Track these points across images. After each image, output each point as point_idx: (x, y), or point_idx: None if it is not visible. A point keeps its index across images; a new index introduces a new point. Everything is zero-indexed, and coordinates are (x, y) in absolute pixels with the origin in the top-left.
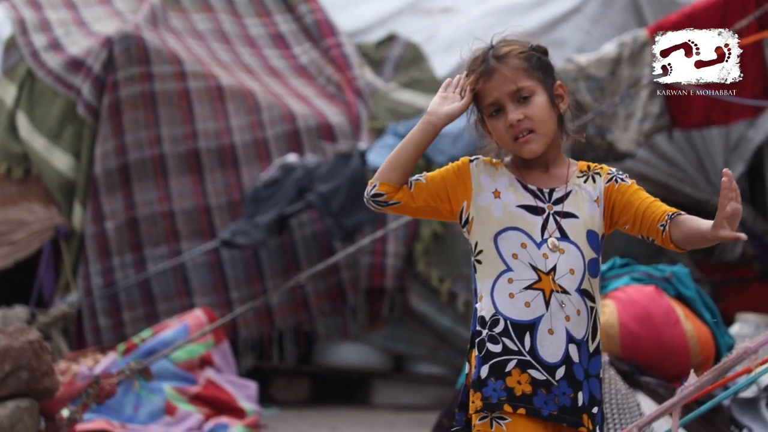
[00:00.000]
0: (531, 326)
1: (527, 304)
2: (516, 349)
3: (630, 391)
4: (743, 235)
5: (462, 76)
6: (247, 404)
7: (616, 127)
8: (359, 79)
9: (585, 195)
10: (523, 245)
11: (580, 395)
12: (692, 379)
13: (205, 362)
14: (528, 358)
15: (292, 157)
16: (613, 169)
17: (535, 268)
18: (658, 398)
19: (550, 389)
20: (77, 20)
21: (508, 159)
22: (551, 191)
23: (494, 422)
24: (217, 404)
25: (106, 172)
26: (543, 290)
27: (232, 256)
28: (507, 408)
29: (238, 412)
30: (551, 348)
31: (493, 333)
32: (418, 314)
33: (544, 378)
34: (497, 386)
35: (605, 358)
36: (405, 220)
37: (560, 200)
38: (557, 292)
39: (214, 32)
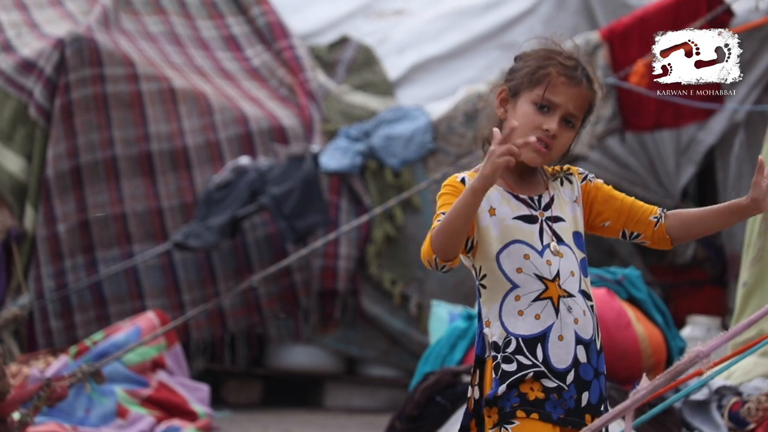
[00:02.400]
0: (542, 337)
1: (537, 317)
2: (530, 363)
3: None
4: None
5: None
6: (199, 407)
7: None
8: (312, 81)
9: (565, 197)
10: (527, 256)
11: (585, 396)
12: (644, 383)
13: (157, 365)
14: (542, 368)
15: (244, 160)
16: (581, 168)
17: (541, 278)
18: (610, 401)
19: (562, 394)
20: (29, 22)
21: (474, 170)
22: (539, 198)
23: (502, 428)
24: (169, 407)
25: (58, 174)
26: (551, 298)
27: (185, 258)
28: (520, 413)
29: (190, 415)
30: (561, 354)
31: (507, 354)
32: (370, 317)
33: (556, 385)
34: (511, 395)
35: None
36: (357, 222)
37: (548, 206)
38: (564, 297)
39: (167, 34)
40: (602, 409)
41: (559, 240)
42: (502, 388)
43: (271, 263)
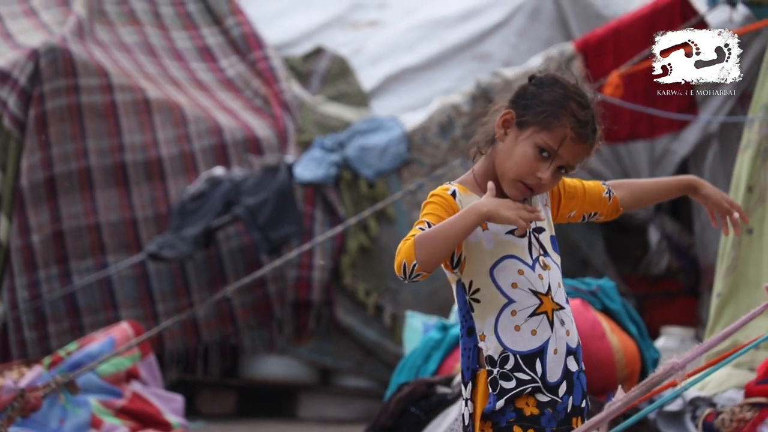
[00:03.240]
0: (540, 353)
1: (534, 332)
2: (529, 378)
3: None
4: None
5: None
6: (174, 417)
7: None
8: (286, 92)
9: (539, 204)
10: (521, 272)
11: (570, 400)
12: (620, 395)
13: (131, 375)
14: (539, 384)
15: (218, 170)
16: None
17: (535, 293)
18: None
19: (556, 407)
20: (3, 32)
21: (468, 178)
22: None
23: None
24: (143, 417)
25: (32, 184)
26: (546, 312)
27: (159, 269)
28: (517, 429)
29: (164, 426)
30: (554, 368)
31: (505, 370)
32: (344, 327)
33: (549, 399)
34: (506, 410)
35: None
36: (332, 233)
37: None
38: (556, 310)
39: (141, 45)
40: (583, 405)
41: (545, 252)
42: (500, 403)
43: (245, 274)
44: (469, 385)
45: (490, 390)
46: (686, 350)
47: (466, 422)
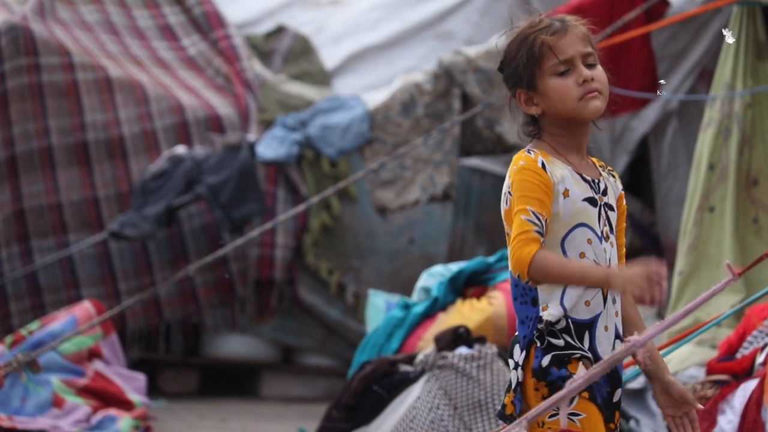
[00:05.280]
0: (590, 325)
1: (587, 303)
2: (577, 345)
3: None
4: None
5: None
6: (136, 396)
7: (505, 120)
8: (248, 71)
9: (613, 189)
10: (589, 241)
11: (617, 393)
12: (581, 372)
13: (93, 354)
14: (588, 354)
15: (180, 149)
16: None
17: (597, 265)
18: None
19: (599, 381)
20: None
21: (543, 145)
22: (598, 182)
23: (568, 419)
24: (106, 396)
25: None
26: (602, 287)
27: (121, 247)
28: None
29: (126, 405)
30: (604, 344)
31: (553, 329)
32: (307, 306)
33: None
34: (562, 373)
35: (493, 349)
36: (294, 211)
37: (605, 192)
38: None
39: (102, 24)
40: (616, 400)
41: (611, 229)
42: (546, 359)
43: (207, 253)
44: (524, 353)
45: (537, 344)
46: (648, 328)
47: (513, 387)
